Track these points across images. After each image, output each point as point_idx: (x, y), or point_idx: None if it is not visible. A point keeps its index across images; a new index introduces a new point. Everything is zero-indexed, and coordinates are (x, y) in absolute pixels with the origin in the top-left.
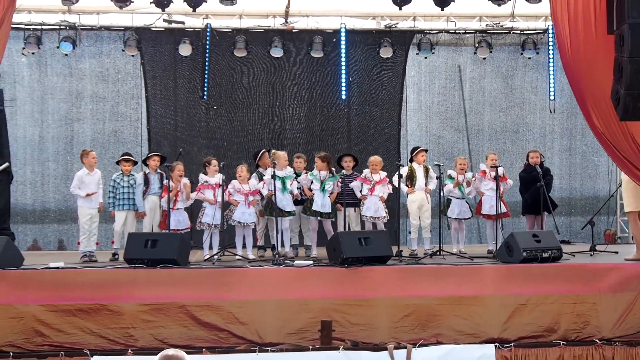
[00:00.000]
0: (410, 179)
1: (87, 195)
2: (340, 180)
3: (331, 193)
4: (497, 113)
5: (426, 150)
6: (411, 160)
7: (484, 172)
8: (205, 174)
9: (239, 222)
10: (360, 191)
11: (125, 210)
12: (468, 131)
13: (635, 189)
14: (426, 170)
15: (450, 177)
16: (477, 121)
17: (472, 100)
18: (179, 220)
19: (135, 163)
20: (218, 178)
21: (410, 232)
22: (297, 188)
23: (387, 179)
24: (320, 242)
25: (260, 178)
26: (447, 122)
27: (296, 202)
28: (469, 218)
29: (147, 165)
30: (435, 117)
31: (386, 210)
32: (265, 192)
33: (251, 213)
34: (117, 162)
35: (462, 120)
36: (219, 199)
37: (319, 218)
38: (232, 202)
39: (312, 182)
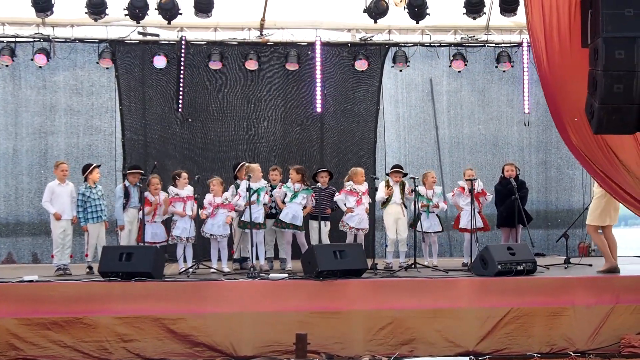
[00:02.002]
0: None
1: (56, 214)
2: (314, 194)
3: (304, 207)
4: (477, 126)
5: (404, 175)
6: (388, 175)
7: (463, 188)
8: (175, 186)
9: (210, 235)
10: (345, 204)
11: (98, 223)
12: (439, 144)
13: (607, 204)
14: (402, 186)
15: (419, 194)
16: (456, 134)
17: (450, 113)
18: (156, 233)
19: (98, 166)
20: (188, 191)
21: (387, 245)
22: (271, 201)
23: (369, 190)
24: (294, 255)
25: (237, 189)
26: (425, 133)
27: (269, 216)
28: (439, 232)
29: (126, 178)
30: (414, 129)
31: (368, 222)
32: (242, 203)
33: (220, 225)
34: (86, 178)
35: (438, 133)
36: (189, 212)
37: (292, 231)
38: (201, 216)
39: (285, 194)
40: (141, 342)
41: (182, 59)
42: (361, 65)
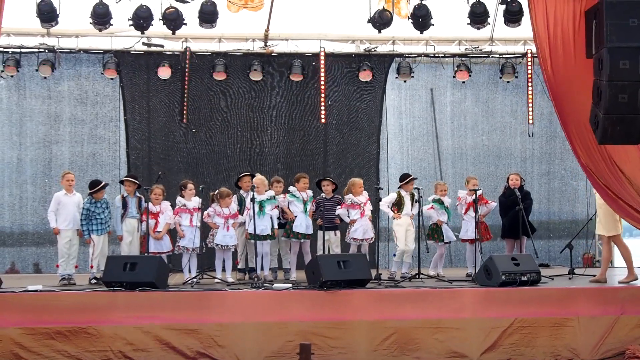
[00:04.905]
0: (398, 205)
1: (55, 230)
2: (315, 201)
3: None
4: (480, 136)
5: (415, 179)
6: (400, 186)
7: (460, 198)
8: (182, 197)
9: (220, 246)
10: (348, 216)
11: (102, 235)
12: (440, 155)
13: (608, 213)
14: (412, 197)
15: (441, 203)
16: (460, 144)
17: (453, 124)
18: (160, 243)
19: (104, 187)
20: (196, 202)
21: (395, 255)
22: (277, 217)
23: (369, 199)
24: (298, 264)
25: (240, 201)
26: (429, 144)
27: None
28: (455, 241)
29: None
30: (417, 140)
31: (374, 230)
32: (246, 219)
33: (232, 236)
34: (91, 193)
35: (442, 143)
36: (196, 222)
37: (301, 240)
38: (212, 225)
39: (288, 203)
40: (145, 352)
41: (187, 70)
42: (365, 76)
